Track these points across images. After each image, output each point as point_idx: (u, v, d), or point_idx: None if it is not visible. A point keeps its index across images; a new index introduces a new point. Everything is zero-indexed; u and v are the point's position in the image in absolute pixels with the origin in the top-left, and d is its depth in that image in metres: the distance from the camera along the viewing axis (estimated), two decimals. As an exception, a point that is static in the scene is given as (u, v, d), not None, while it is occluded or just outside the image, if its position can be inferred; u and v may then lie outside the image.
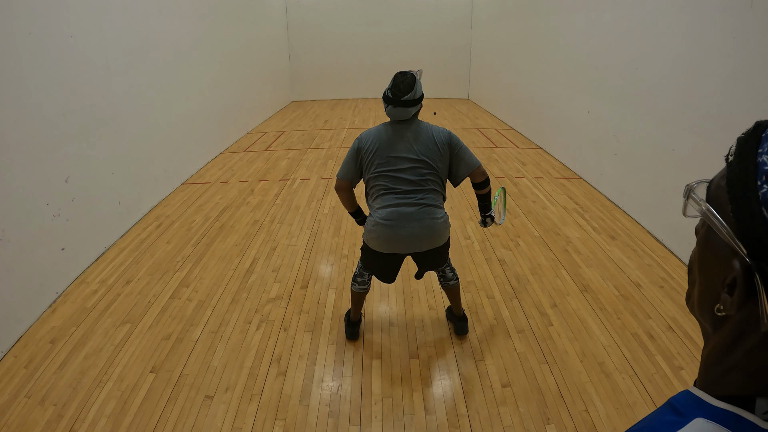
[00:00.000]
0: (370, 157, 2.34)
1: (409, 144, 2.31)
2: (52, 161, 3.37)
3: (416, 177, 2.31)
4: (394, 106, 2.29)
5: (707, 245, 0.47)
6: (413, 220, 2.30)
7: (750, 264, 0.40)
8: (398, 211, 2.31)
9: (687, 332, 2.82)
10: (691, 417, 0.44)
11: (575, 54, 5.82)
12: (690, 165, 3.60)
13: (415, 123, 2.38)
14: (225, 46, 7.43)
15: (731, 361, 0.45)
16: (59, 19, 3.47)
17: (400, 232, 2.31)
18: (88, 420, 2.27)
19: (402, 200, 2.31)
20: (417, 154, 2.30)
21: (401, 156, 2.31)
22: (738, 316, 0.43)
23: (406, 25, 12.26)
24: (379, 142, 2.34)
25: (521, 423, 2.22)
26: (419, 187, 2.32)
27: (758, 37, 2.88)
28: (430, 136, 2.33)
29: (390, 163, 2.32)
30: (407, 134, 2.33)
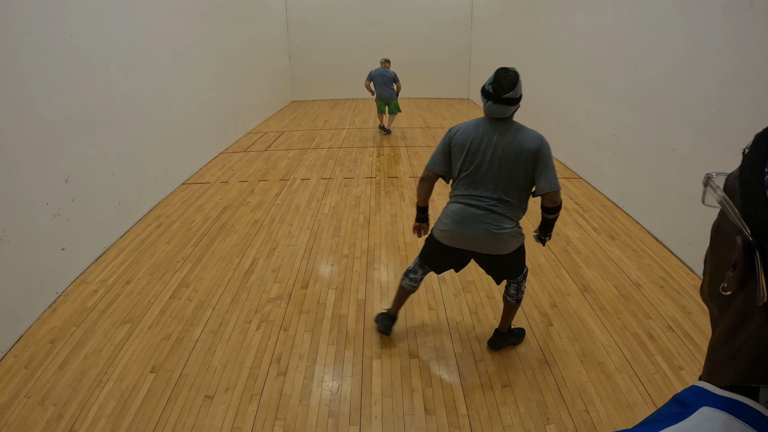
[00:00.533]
0: (457, 151, 2.30)
1: (497, 147, 2.21)
2: (52, 161, 3.37)
3: (494, 182, 2.24)
4: (494, 102, 2.19)
5: (719, 229, 0.50)
6: (478, 222, 2.27)
7: (751, 241, 0.42)
8: (468, 210, 2.29)
9: (687, 332, 2.82)
10: (696, 407, 0.45)
11: (575, 54, 5.82)
12: (690, 165, 3.60)
13: (508, 124, 2.25)
14: (225, 46, 7.43)
15: (734, 347, 0.46)
16: (59, 19, 3.47)
17: (464, 230, 2.30)
18: (88, 420, 2.27)
19: (475, 202, 2.29)
20: (500, 159, 2.21)
21: (485, 158, 2.23)
22: (740, 298, 0.45)
23: (406, 25, 12.27)
24: (470, 138, 2.26)
25: (521, 423, 2.22)
26: (494, 194, 2.25)
27: (758, 37, 2.88)
28: (520, 142, 2.19)
29: (474, 161, 2.26)
30: (497, 136, 2.22)
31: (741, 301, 0.45)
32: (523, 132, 2.24)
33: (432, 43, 12.44)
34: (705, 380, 0.49)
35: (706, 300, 0.52)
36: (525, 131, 2.24)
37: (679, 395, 0.48)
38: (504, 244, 2.30)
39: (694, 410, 0.44)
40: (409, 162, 6.56)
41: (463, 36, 12.38)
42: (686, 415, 0.44)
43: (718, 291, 0.48)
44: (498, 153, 2.21)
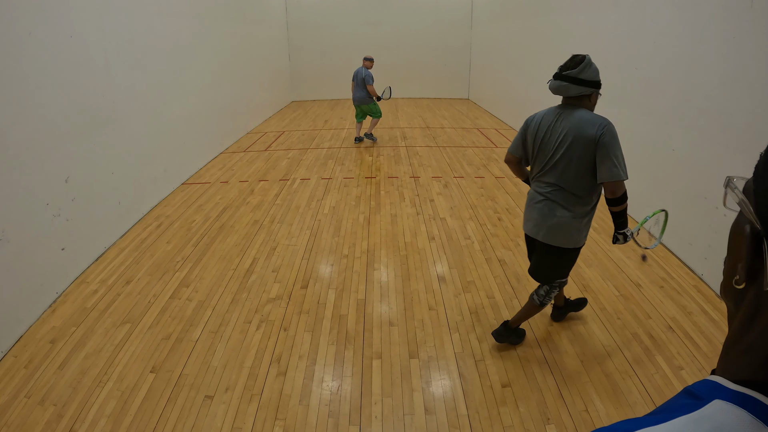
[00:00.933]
0: (530, 137, 2.35)
1: (560, 133, 2.21)
2: (52, 161, 3.37)
3: (556, 169, 2.26)
4: (554, 78, 2.24)
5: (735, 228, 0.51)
6: (537, 210, 2.36)
7: (759, 230, 0.43)
8: (533, 196, 2.40)
9: (687, 332, 2.82)
10: (709, 400, 0.45)
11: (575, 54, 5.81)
12: (690, 165, 3.60)
13: (575, 110, 2.22)
14: (225, 46, 7.43)
15: (747, 341, 0.46)
16: (59, 19, 3.47)
17: (529, 214, 2.43)
18: (88, 420, 2.27)
19: (538, 188, 2.37)
20: (560, 145, 2.20)
21: (549, 144, 2.25)
22: (752, 292, 0.46)
23: (406, 25, 12.27)
24: (539, 125, 2.30)
25: (521, 423, 2.22)
26: (553, 180, 2.28)
27: (758, 37, 2.88)
28: (580, 128, 2.15)
29: (540, 147, 2.30)
30: (562, 122, 2.22)
31: (753, 295, 0.46)
32: (587, 117, 2.18)
33: (432, 43, 12.44)
34: (719, 374, 0.49)
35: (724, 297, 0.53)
36: (588, 117, 2.18)
37: (691, 387, 0.49)
38: (551, 234, 2.31)
39: (706, 402, 0.45)
40: (409, 162, 6.56)
41: (463, 36, 12.38)
42: (698, 407, 0.45)
43: (733, 286, 0.49)
44: (560, 139, 2.21)
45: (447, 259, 3.75)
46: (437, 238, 4.13)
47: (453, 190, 5.36)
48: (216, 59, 7.02)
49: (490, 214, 4.63)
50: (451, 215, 4.63)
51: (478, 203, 4.94)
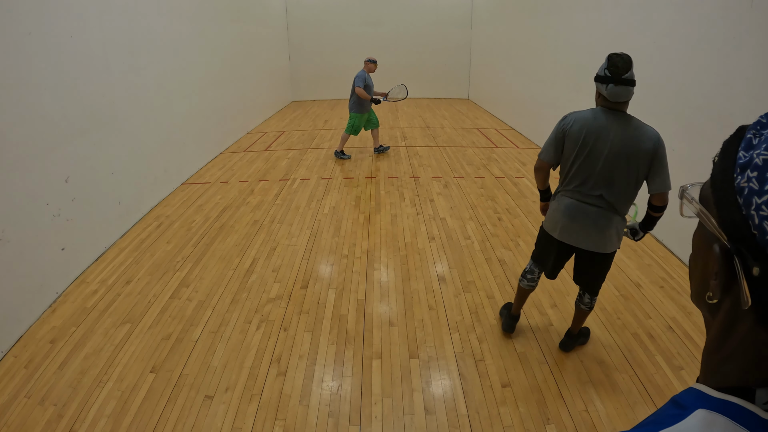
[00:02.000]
0: (571, 143, 2.24)
1: (613, 144, 2.14)
2: (52, 161, 3.37)
3: (607, 178, 2.20)
4: (616, 84, 2.11)
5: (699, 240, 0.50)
6: (588, 218, 2.27)
7: (729, 247, 0.43)
8: (580, 206, 2.29)
9: (687, 332, 2.82)
10: (693, 409, 0.45)
11: (575, 54, 5.81)
12: (690, 165, 3.60)
13: (626, 119, 2.17)
14: (225, 46, 7.43)
15: (728, 349, 0.46)
16: (59, 19, 3.47)
17: (574, 223, 2.31)
18: (88, 420, 2.27)
19: (586, 198, 2.27)
20: (616, 156, 2.14)
21: (600, 154, 2.17)
22: (728, 303, 0.46)
23: (406, 25, 12.27)
24: (587, 129, 2.19)
25: (521, 423, 2.22)
26: (605, 190, 2.22)
27: (758, 37, 2.88)
28: (638, 140, 2.12)
29: (588, 156, 2.20)
30: (614, 131, 2.15)
31: (729, 305, 0.45)
32: (642, 129, 2.15)
33: (432, 43, 12.44)
34: (701, 382, 0.49)
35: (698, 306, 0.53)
36: (644, 128, 2.16)
37: (677, 397, 0.49)
38: (609, 241, 2.30)
39: (690, 412, 0.45)
40: (409, 162, 6.56)
41: (463, 36, 12.38)
42: (682, 417, 0.45)
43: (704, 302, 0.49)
44: (615, 150, 2.14)
45: (447, 259, 3.75)
46: (437, 238, 4.13)
47: (453, 190, 5.37)
48: (216, 59, 7.02)
49: (490, 214, 4.63)
50: (451, 215, 4.63)
51: (478, 203, 4.94)
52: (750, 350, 0.44)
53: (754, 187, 0.40)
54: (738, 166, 0.43)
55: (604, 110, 2.20)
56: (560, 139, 2.28)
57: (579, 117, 2.24)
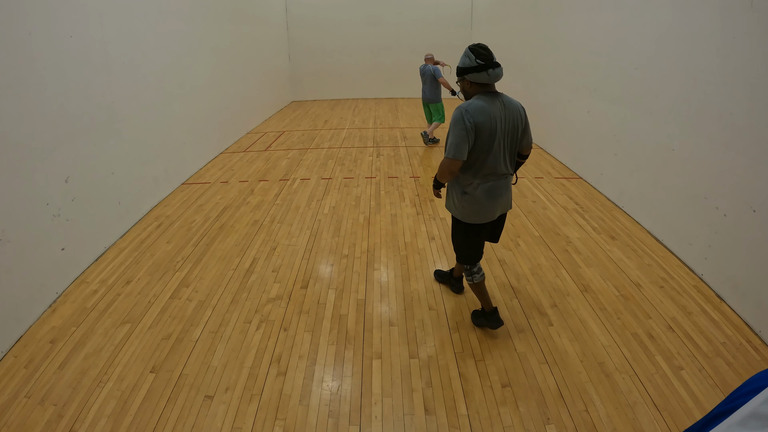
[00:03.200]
0: (483, 134, 2.36)
1: (506, 122, 2.41)
2: (52, 161, 3.37)
3: (509, 152, 2.50)
4: (494, 68, 2.36)
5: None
6: (505, 190, 2.59)
7: None
8: (497, 184, 2.54)
9: (687, 332, 2.82)
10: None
11: (575, 54, 5.81)
12: (690, 165, 3.60)
13: (500, 95, 2.43)
14: (225, 46, 7.43)
15: None
16: (59, 19, 3.47)
17: (497, 201, 2.58)
18: (88, 420, 2.27)
19: (500, 177, 2.53)
20: (510, 132, 2.44)
21: (503, 133, 2.41)
22: None
23: (406, 25, 12.26)
24: (487, 116, 2.34)
25: (521, 423, 2.22)
26: (508, 161, 2.51)
27: (758, 37, 2.88)
28: (518, 111, 2.46)
29: (494, 140, 2.39)
30: (502, 109, 2.40)
31: None
32: (514, 103, 2.48)
33: (432, 43, 12.43)
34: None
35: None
36: (514, 102, 2.48)
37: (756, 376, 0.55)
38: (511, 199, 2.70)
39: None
40: (409, 162, 6.56)
41: (463, 36, 12.37)
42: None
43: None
44: (508, 127, 2.43)
45: (447, 259, 3.75)
46: (437, 238, 4.13)
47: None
48: (216, 59, 7.02)
49: (490, 214, 4.63)
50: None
51: (478, 203, 4.93)
52: None
53: None
54: None
55: (487, 96, 2.40)
56: (470, 133, 2.35)
57: (478, 109, 2.35)
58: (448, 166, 2.41)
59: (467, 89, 2.46)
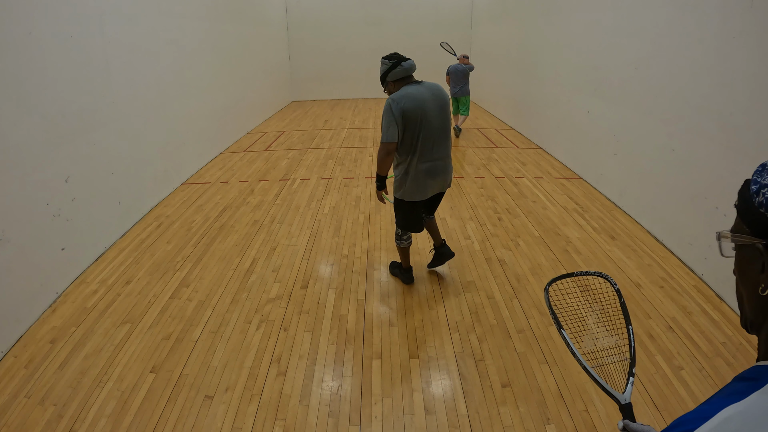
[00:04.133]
0: (412, 120, 2.71)
1: (432, 100, 2.74)
2: (52, 161, 3.37)
3: (442, 130, 2.81)
4: (405, 60, 2.81)
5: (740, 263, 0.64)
6: (441, 171, 2.89)
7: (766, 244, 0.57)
8: (434, 165, 2.85)
9: (687, 332, 2.82)
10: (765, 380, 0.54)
11: (575, 54, 5.81)
12: (690, 165, 3.60)
13: (424, 83, 2.81)
14: (225, 46, 7.43)
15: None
16: (59, 19, 3.47)
17: (436, 179, 2.88)
18: (88, 420, 2.27)
19: (436, 154, 2.83)
20: (439, 108, 2.77)
21: (433, 111, 2.74)
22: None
23: (406, 25, 12.26)
24: (415, 103, 2.70)
25: (521, 423, 2.22)
26: (444, 139, 2.83)
27: (758, 37, 2.88)
28: (440, 89, 2.84)
29: (425, 122, 2.73)
30: (426, 91, 2.76)
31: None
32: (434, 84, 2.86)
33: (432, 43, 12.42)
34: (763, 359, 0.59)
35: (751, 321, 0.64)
36: (435, 85, 2.86)
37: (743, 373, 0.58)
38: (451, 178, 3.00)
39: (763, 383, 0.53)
40: (409, 162, 6.55)
41: (463, 36, 12.37)
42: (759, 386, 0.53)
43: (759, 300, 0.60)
44: (437, 105, 2.78)
45: (447, 259, 3.76)
46: (437, 238, 4.13)
47: (453, 190, 5.36)
48: (216, 59, 7.02)
49: (490, 214, 4.63)
50: (451, 215, 4.63)
51: (478, 203, 4.94)
52: None
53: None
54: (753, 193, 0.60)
55: (410, 85, 2.79)
56: (399, 119, 2.71)
57: (404, 96, 2.72)
58: (383, 148, 2.80)
59: (393, 89, 2.83)
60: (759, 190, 0.60)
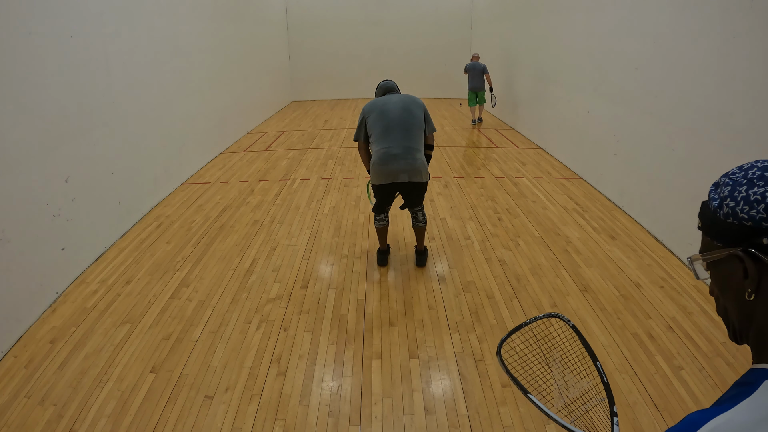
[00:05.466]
0: (371, 117, 3.28)
1: (394, 104, 3.26)
2: (52, 161, 3.37)
3: (402, 128, 3.22)
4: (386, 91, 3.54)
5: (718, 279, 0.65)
6: (400, 159, 3.20)
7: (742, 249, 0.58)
8: (387, 152, 3.20)
9: (687, 332, 2.82)
10: (760, 382, 0.54)
11: (575, 54, 5.82)
12: (690, 165, 3.60)
13: (398, 94, 3.42)
14: (225, 46, 7.43)
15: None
16: (59, 19, 3.47)
17: (389, 166, 3.21)
18: (88, 420, 2.27)
19: (392, 144, 3.20)
20: (401, 111, 3.24)
21: (393, 113, 3.24)
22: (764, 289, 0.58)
23: (406, 25, 12.26)
24: (374, 105, 3.32)
25: (521, 423, 2.22)
26: (403, 133, 3.22)
27: (758, 37, 2.88)
28: (411, 97, 3.36)
29: (384, 118, 3.24)
30: (394, 98, 3.33)
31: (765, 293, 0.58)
32: (409, 97, 3.37)
33: (432, 43, 12.44)
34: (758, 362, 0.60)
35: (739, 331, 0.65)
36: (410, 97, 3.37)
37: (740, 379, 0.59)
38: (418, 173, 3.24)
39: (758, 385, 0.54)
40: (409, 162, 6.55)
41: (463, 36, 12.37)
42: (753, 390, 0.53)
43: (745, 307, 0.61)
44: (397, 110, 3.26)
45: (447, 259, 3.76)
46: (437, 238, 4.13)
47: (453, 190, 5.37)
48: (216, 59, 7.02)
49: (490, 214, 4.63)
50: (451, 215, 4.63)
51: (478, 203, 4.94)
52: None
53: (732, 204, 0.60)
54: (716, 208, 0.62)
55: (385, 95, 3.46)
56: (362, 121, 3.35)
57: (369, 104, 3.36)
58: (357, 147, 3.51)
59: None
60: (721, 203, 0.62)
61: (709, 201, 0.65)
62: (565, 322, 1.42)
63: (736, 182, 0.61)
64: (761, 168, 0.60)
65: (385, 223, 3.55)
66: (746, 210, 0.58)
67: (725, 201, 0.61)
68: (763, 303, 0.59)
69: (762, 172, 0.59)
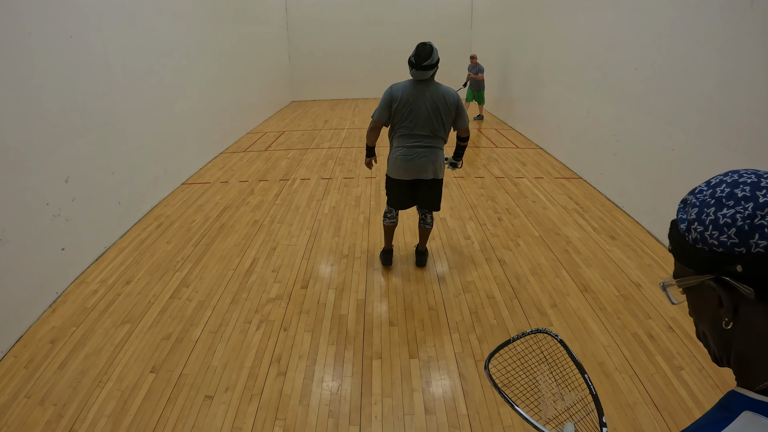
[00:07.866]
0: (399, 106, 3.08)
1: (427, 101, 3.06)
2: (52, 161, 3.37)
3: (428, 126, 3.10)
4: (417, 69, 3.02)
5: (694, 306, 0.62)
6: (423, 156, 3.15)
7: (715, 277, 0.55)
8: (414, 151, 3.15)
9: (687, 332, 2.82)
10: (738, 412, 0.52)
11: (575, 54, 5.82)
12: (690, 165, 3.60)
13: (432, 84, 3.10)
14: (225, 46, 7.43)
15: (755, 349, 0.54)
16: (59, 19, 3.47)
17: (413, 163, 3.16)
18: (88, 420, 2.27)
19: (417, 143, 3.14)
20: (431, 110, 3.08)
21: (421, 111, 3.07)
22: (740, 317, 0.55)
23: (406, 25, 12.26)
24: (408, 96, 3.07)
25: (521, 423, 2.22)
26: (430, 134, 3.13)
27: (758, 37, 2.88)
28: (442, 94, 3.09)
29: (412, 113, 3.08)
30: (426, 93, 3.07)
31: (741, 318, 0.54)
32: (442, 90, 3.10)
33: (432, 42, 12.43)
34: (741, 386, 0.56)
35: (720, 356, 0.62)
36: (444, 89, 3.12)
37: (722, 400, 0.56)
38: (440, 169, 3.22)
39: (736, 415, 0.51)
40: (409, 162, 6.55)
41: (463, 36, 12.38)
42: (730, 420, 0.51)
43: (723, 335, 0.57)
44: (427, 108, 3.07)
45: (447, 259, 3.76)
46: (437, 238, 4.13)
47: (453, 190, 5.37)
48: (216, 59, 7.02)
49: (490, 214, 4.63)
50: (451, 215, 4.63)
51: (478, 203, 4.94)
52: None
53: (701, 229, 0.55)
54: (684, 232, 0.58)
55: (414, 82, 3.10)
56: (389, 104, 3.11)
57: (401, 86, 3.11)
58: (370, 123, 3.25)
59: None
60: (689, 227, 0.57)
61: (678, 222, 0.60)
62: (553, 337, 1.43)
63: (704, 203, 0.56)
64: (730, 184, 0.55)
65: (395, 221, 3.53)
66: (716, 235, 0.53)
67: (693, 225, 0.56)
68: (741, 329, 0.55)
69: (731, 188, 0.54)
